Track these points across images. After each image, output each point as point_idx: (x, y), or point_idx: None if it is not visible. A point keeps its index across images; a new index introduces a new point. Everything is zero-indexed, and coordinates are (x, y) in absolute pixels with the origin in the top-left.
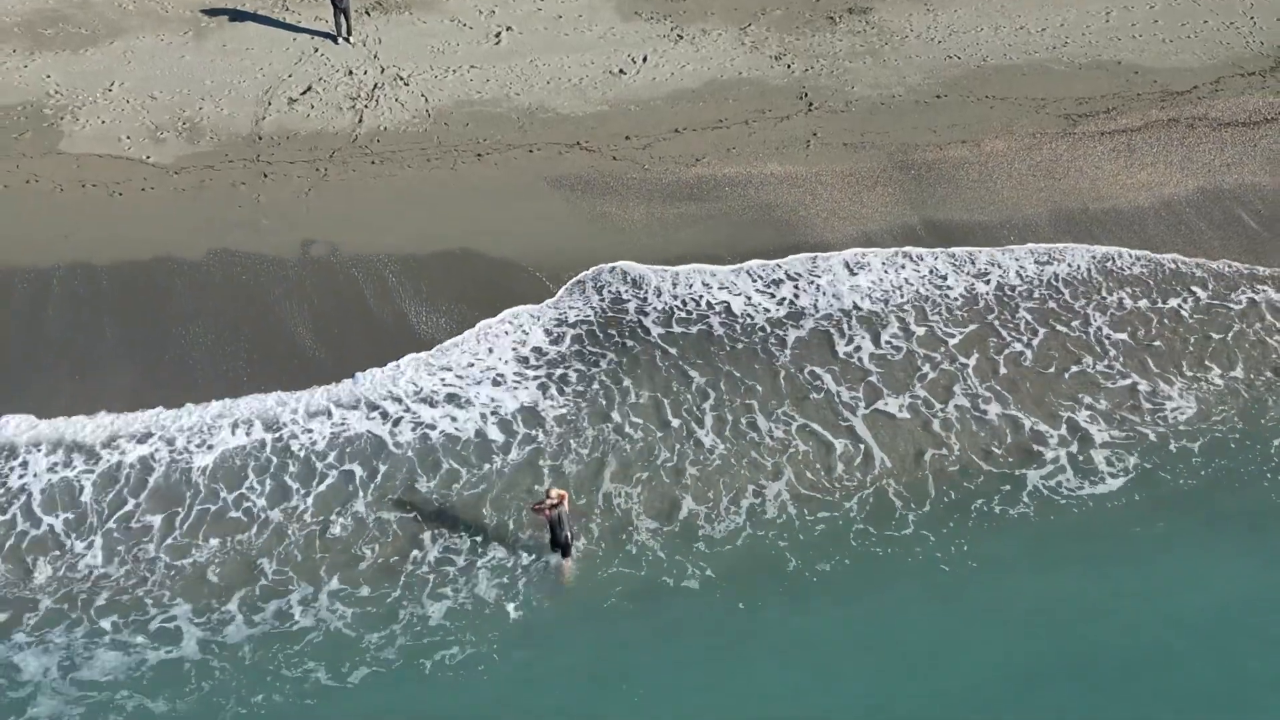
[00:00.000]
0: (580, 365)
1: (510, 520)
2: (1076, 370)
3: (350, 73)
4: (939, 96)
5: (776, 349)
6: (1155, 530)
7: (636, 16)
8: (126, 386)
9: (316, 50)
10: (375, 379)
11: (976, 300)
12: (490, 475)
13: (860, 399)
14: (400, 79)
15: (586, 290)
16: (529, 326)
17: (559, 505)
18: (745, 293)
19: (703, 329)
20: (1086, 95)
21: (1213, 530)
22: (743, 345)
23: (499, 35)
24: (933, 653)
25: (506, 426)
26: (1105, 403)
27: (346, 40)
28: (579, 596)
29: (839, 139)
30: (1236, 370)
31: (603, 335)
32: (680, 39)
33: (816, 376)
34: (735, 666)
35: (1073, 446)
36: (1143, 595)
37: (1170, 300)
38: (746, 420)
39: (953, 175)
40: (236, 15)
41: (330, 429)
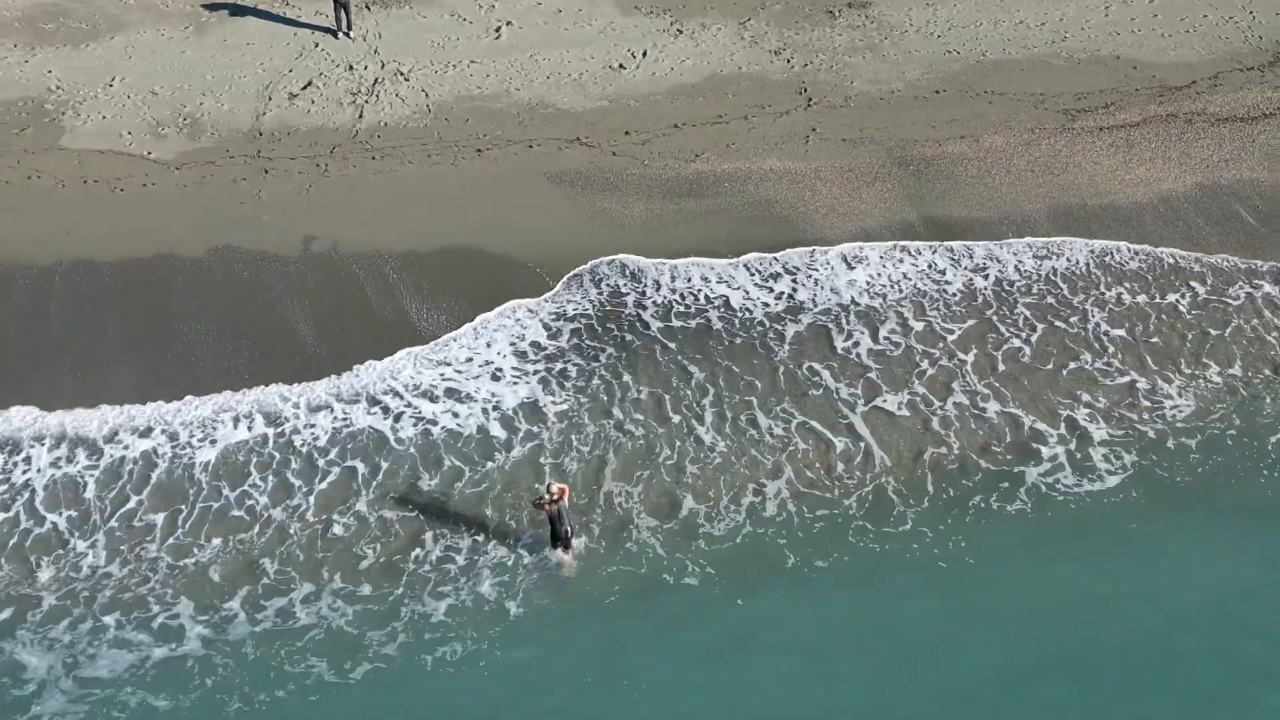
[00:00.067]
0: (579, 360)
1: (511, 518)
2: (1075, 367)
3: (351, 68)
4: (938, 92)
5: (775, 344)
6: (1153, 527)
7: (636, 11)
8: (128, 383)
9: (317, 45)
10: (375, 371)
11: (975, 295)
12: (492, 473)
13: (859, 395)
14: (401, 74)
15: (584, 284)
16: (527, 321)
17: (559, 500)
18: (744, 287)
19: (701, 323)
20: (1085, 90)
21: (1210, 526)
22: (741, 340)
23: (499, 30)
24: (933, 649)
25: (508, 422)
26: (1104, 400)
27: (347, 35)
28: (581, 594)
29: (838, 134)
30: (1234, 368)
31: (601, 329)
32: (680, 33)
33: (815, 372)
34: (735, 664)
35: (1071, 444)
36: (1141, 592)
37: (1169, 295)
38: (746, 417)
39: (951, 171)
40: (237, 10)
41: (332, 424)
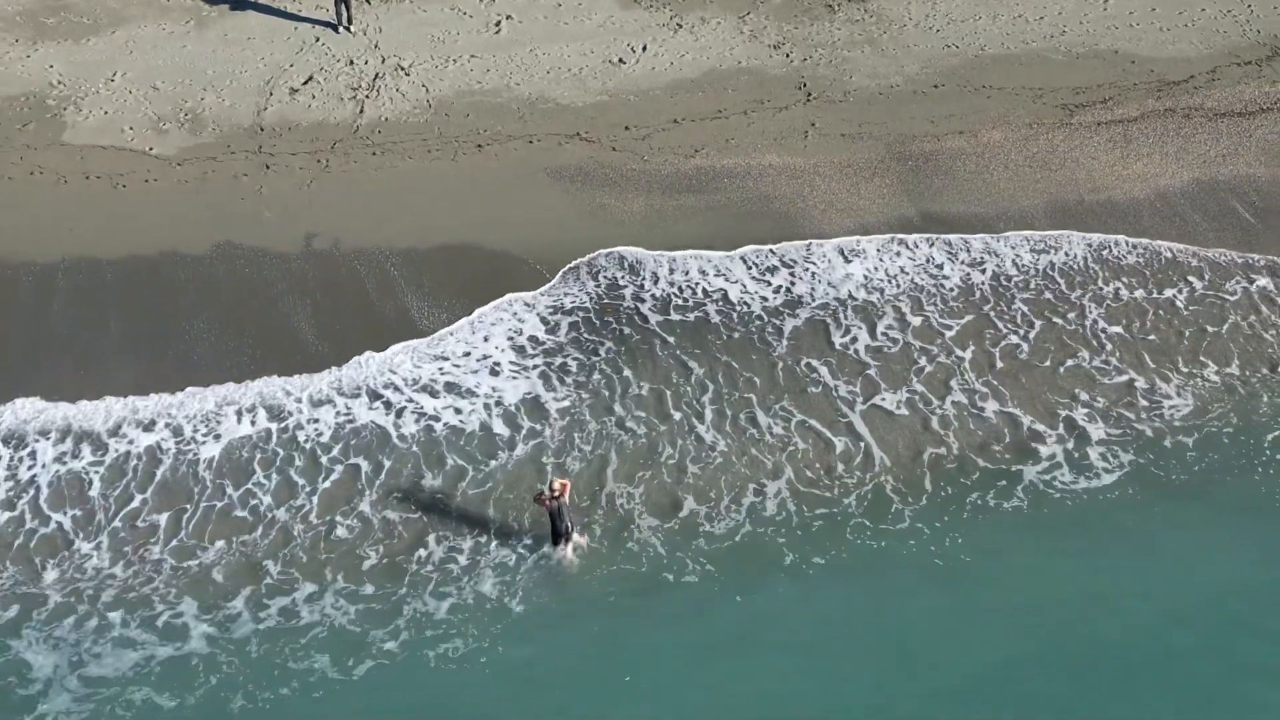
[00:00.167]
0: (579, 354)
1: (514, 518)
2: (1073, 364)
3: (351, 63)
4: (937, 86)
5: (773, 339)
6: (1151, 524)
7: (636, 4)
8: (131, 381)
9: (318, 40)
10: (374, 363)
11: (972, 290)
12: (495, 472)
13: (858, 393)
14: (401, 69)
15: (581, 277)
16: (523, 314)
17: (560, 496)
18: (741, 280)
19: (700, 316)
20: (1083, 85)
21: (1208, 523)
22: (739, 334)
23: (499, 24)
24: (932, 646)
25: (510, 419)
26: (1102, 400)
27: (347, 29)
28: (583, 594)
29: (837, 130)
30: (1231, 367)
31: (599, 322)
32: (679, 28)
33: (814, 369)
34: (736, 661)
35: (1070, 443)
36: (1139, 589)
37: (1166, 291)
38: (746, 415)
39: (950, 167)
40: (237, 3)
41: (335, 419)
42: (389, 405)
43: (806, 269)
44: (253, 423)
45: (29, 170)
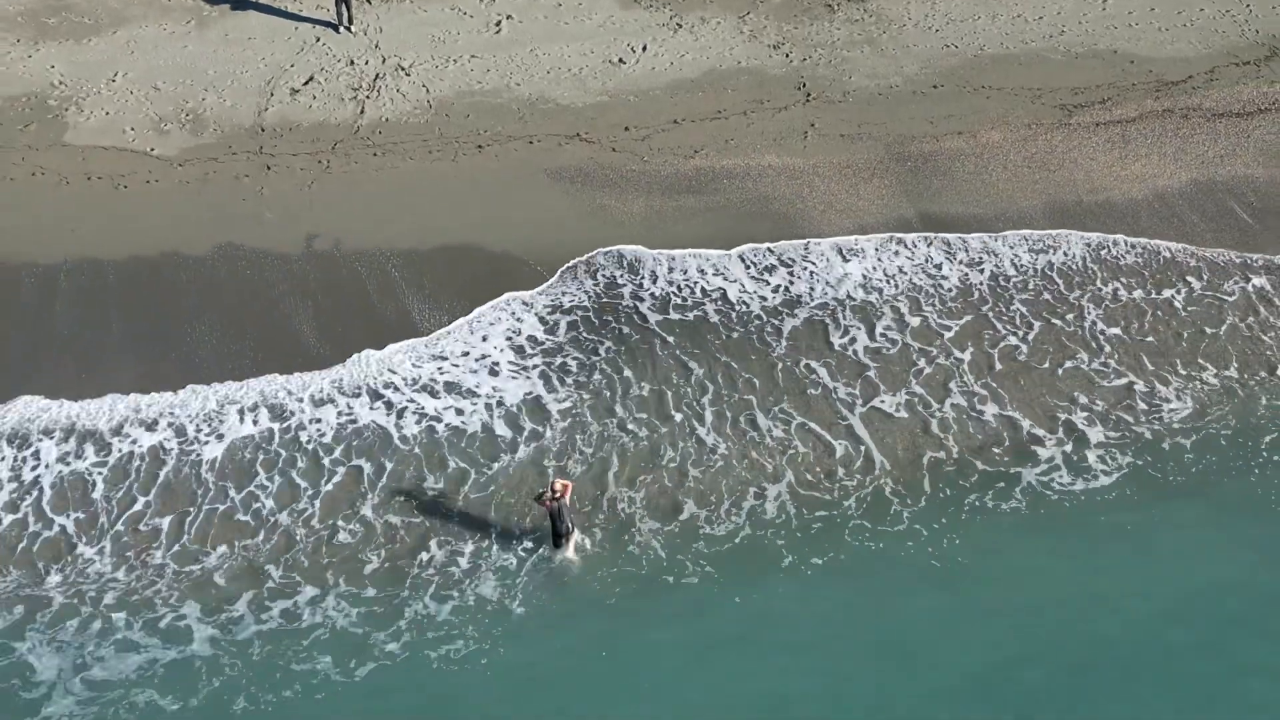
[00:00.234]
0: (579, 354)
1: (515, 521)
2: (1071, 366)
3: (352, 63)
4: (936, 86)
5: (772, 339)
6: (1149, 525)
7: (636, 4)
8: (132, 383)
9: (318, 40)
10: (371, 361)
11: (971, 291)
12: (497, 475)
13: (857, 395)
14: (401, 69)
15: (579, 275)
16: (521, 313)
17: (561, 497)
18: (740, 280)
19: (699, 315)
20: (1082, 85)
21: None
22: (739, 334)
23: (499, 24)
24: (933, 647)
25: (512, 420)
26: (1100, 402)
27: (348, 29)
28: (583, 595)
29: (836, 130)
30: (1230, 370)
31: (598, 321)
32: (679, 28)
33: (812, 370)
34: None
35: (1068, 446)
36: (1138, 590)
37: (1164, 291)
38: (746, 418)
39: (949, 167)
40: (238, 3)
41: (337, 419)
42: (390, 406)
43: (805, 268)
44: (255, 422)
45: (31, 171)
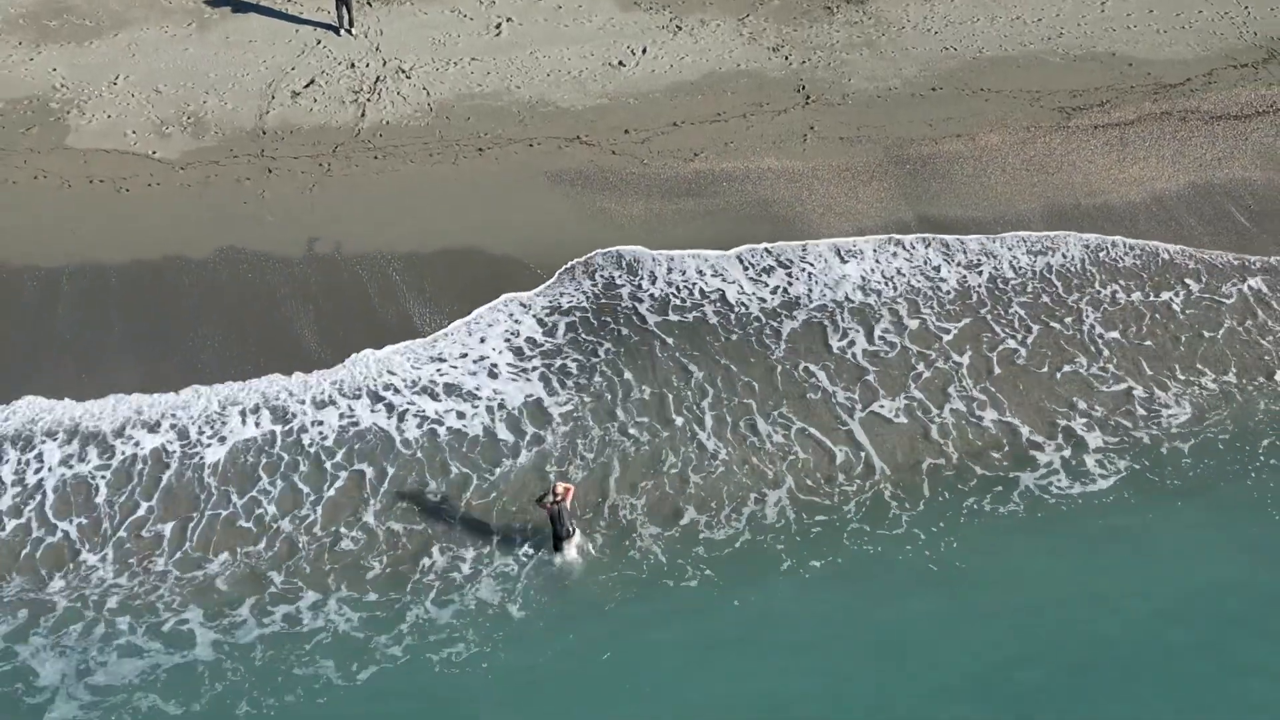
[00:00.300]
0: (578, 355)
1: (517, 525)
2: (1070, 370)
3: (352, 65)
4: (935, 89)
5: (771, 341)
6: (1148, 527)
7: (635, 7)
8: (133, 385)
9: (319, 42)
10: (370, 361)
11: (969, 293)
12: (498, 481)
13: (856, 400)
14: (402, 72)
15: (578, 276)
16: (519, 315)
17: (561, 500)
18: (738, 281)
19: (698, 317)
20: (1081, 88)
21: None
22: (738, 336)
23: (499, 26)
24: (933, 648)
25: (513, 423)
26: (1099, 407)
27: (349, 32)
28: (584, 599)
29: (835, 133)
30: (1229, 374)
31: (597, 323)
32: (679, 30)
33: (811, 374)
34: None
35: (1067, 451)
36: (1137, 590)
37: (1163, 294)
38: (746, 422)
39: (947, 170)
40: (239, 6)
41: (339, 422)
42: (391, 408)
43: (803, 269)
44: (257, 424)
45: (33, 174)
